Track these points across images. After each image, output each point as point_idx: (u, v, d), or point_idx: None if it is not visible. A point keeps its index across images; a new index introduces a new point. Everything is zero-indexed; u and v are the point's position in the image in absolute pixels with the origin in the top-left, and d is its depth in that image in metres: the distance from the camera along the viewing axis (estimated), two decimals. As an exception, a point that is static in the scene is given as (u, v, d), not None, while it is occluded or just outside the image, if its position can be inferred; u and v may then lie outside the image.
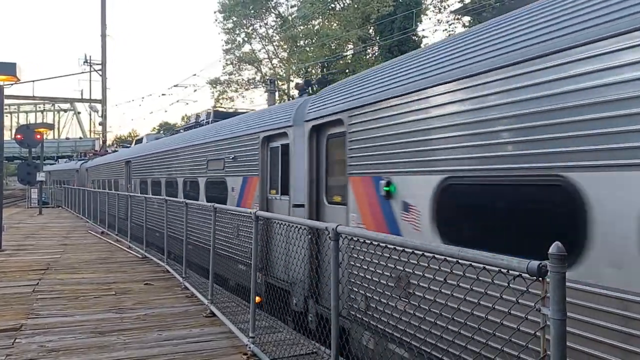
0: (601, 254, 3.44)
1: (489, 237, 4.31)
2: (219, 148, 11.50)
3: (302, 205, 7.89)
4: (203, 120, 16.59)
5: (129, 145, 31.32)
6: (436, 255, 3.04)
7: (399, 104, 5.56)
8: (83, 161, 38.09)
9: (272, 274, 8.66)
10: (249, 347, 5.89)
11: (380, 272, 4.57)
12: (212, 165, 11.78)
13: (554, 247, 2.21)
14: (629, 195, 3.29)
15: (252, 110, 14.00)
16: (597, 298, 3.41)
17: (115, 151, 34.79)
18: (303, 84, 12.47)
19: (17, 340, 6.24)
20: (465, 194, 4.78)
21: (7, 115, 78.53)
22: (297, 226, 5.40)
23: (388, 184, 5.68)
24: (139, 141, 27.37)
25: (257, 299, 7.91)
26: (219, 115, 15.79)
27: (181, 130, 19.32)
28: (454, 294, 3.28)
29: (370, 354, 5.65)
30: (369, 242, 4.01)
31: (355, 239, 4.15)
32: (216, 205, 7.81)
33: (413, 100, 5.32)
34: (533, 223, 4.01)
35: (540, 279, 2.26)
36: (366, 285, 5.50)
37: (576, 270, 3.55)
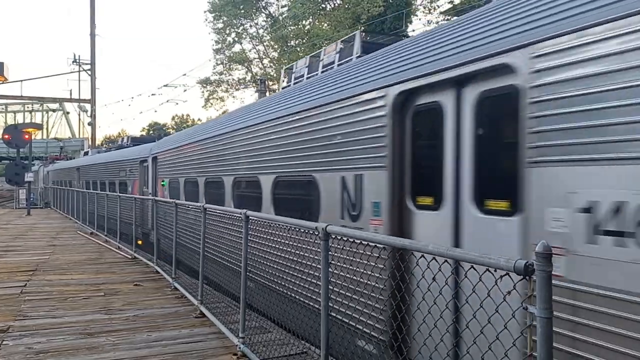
0: None
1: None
2: (123, 164, 20.31)
3: (151, 194, 15.44)
4: (125, 143, 25.88)
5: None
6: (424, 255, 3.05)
7: (164, 154, 14.59)
8: (42, 164, 46.72)
9: (145, 227, 15.60)
10: (239, 348, 5.88)
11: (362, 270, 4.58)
12: (121, 174, 20.51)
13: (540, 246, 2.22)
14: None
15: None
16: None
17: (72, 158, 44.78)
18: (157, 135, 22.30)
19: (4, 342, 6.19)
20: (172, 182, 13.55)
21: (-6, 115, 77.86)
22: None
23: (162, 181, 14.49)
24: (86, 153, 36.85)
25: (140, 242, 14.17)
26: (134, 140, 25.07)
27: (112, 149, 28.83)
28: (442, 294, 3.27)
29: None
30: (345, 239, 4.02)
31: (345, 238, 4.16)
32: (206, 205, 7.97)
33: (168, 154, 14.12)
34: None
35: (527, 277, 2.28)
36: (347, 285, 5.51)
37: None
